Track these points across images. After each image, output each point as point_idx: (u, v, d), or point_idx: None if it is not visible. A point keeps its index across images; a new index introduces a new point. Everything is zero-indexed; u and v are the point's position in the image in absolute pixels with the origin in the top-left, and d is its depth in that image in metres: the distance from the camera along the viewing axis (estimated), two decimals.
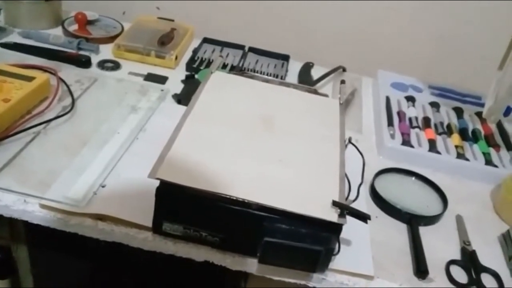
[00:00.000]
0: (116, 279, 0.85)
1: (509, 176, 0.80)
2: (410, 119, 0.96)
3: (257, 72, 1.04)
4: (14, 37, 1.01)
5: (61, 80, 0.86)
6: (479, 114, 1.01)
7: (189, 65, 1.01)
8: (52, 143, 0.73)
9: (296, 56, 1.12)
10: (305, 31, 1.21)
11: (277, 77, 1.03)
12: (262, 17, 1.20)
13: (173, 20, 1.13)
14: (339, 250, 0.61)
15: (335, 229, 0.56)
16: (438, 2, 1.11)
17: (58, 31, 1.06)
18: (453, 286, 0.64)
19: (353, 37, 1.20)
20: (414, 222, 0.71)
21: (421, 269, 0.64)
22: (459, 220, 0.75)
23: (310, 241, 0.56)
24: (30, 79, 0.80)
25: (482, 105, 0.96)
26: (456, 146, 0.90)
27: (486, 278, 0.65)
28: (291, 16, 1.19)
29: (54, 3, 1.06)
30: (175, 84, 0.95)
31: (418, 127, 0.94)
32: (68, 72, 0.90)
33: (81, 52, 0.99)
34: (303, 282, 0.62)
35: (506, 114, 1.01)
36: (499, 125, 0.99)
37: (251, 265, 0.61)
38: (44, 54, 0.95)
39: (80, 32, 1.06)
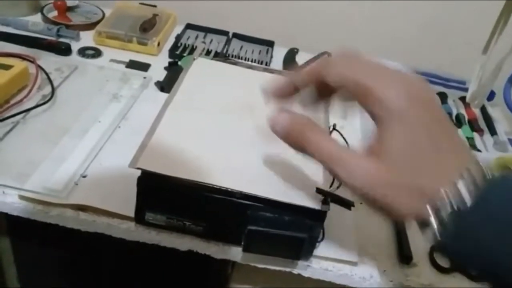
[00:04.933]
0: (100, 269, 0.84)
1: (492, 161, 0.80)
2: None
3: (241, 59, 1.03)
4: None
5: (40, 68, 0.84)
6: (463, 99, 1.01)
7: (172, 52, 0.99)
8: (31, 132, 0.72)
9: (281, 42, 1.10)
10: (290, 16, 1.19)
11: (261, 63, 1.02)
12: (246, 2, 1.18)
13: (155, 6, 1.11)
14: (323, 237, 0.61)
15: (319, 216, 0.56)
16: None
17: (37, 18, 1.03)
18: (436, 271, 0.64)
19: (338, 22, 1.18)
20: None
21: (404, 255, 0.64)
22: None
23: (294, 228, 0.56)
24: (8, 67, 0.77)
25: (466, 89, 0.96)
26: None
27: None
28: (276, 1, 1.17)
29: None
30: (158, 71, 0.93)
31: None
32: (48, 60, 0.88)
33: (61, 39, 0.97)
34: (288, 270, 0.62)
35: (489, 98, 1.01)
36: (483, 110, 1.00)
37: (235, 253, 0.61)
38: (22, 42, 0.92)
39: (59, 18, 1.03)
